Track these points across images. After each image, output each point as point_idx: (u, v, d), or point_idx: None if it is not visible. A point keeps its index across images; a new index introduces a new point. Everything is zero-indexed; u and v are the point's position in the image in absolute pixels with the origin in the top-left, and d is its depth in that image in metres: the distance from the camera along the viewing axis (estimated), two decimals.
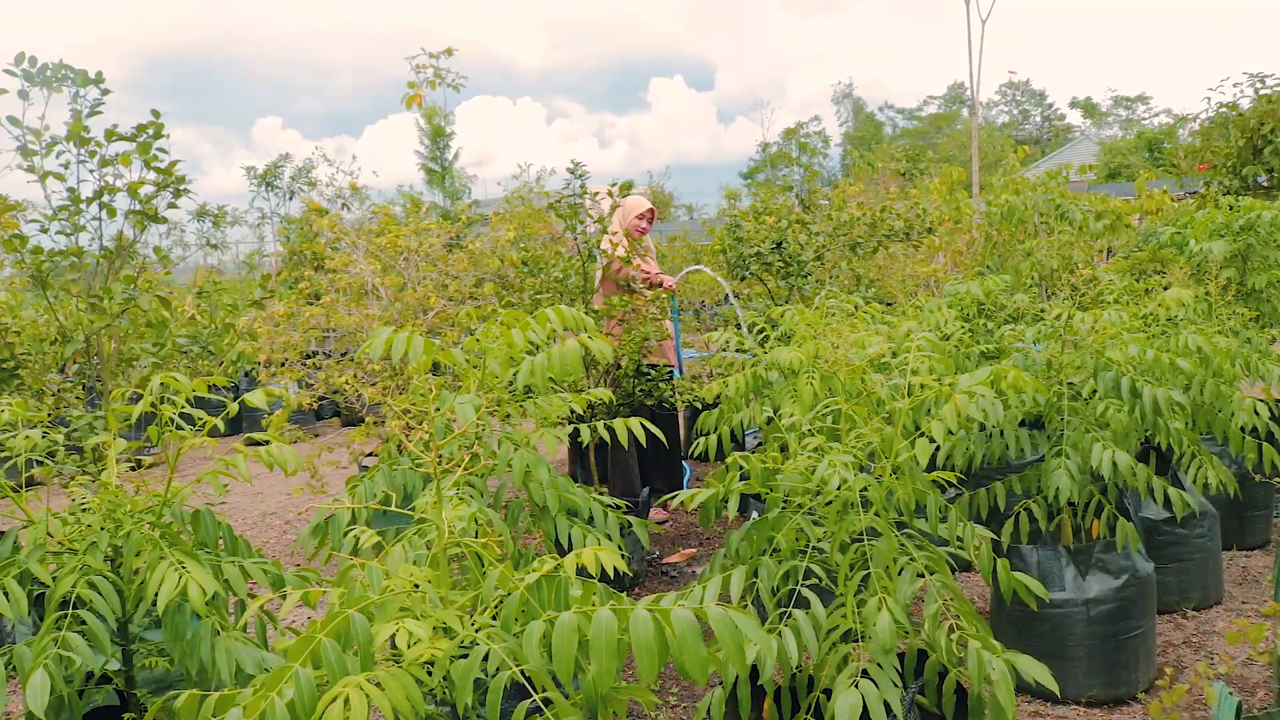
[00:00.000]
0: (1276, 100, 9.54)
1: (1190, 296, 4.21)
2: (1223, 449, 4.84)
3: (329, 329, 5.81)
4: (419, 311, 5.44)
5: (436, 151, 22.18)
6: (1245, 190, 9.49)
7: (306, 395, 5.80)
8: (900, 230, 6.43)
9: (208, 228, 16.98)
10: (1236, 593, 4.62)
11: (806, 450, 2.40)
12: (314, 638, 1.56)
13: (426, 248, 5.83)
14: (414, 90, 9.90)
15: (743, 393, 3.63)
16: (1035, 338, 4.02)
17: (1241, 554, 5.06)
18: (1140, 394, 3.47)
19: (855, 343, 2.81)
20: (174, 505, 2.51)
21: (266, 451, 2.32)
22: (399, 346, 2.66)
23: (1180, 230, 5.98)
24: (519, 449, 2.91)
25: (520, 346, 2.66)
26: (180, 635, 2.24)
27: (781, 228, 6.15)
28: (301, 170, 19.28)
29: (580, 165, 5.09)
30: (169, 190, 3.86)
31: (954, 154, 33.02)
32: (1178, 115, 34.23)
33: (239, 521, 7.52)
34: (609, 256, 5.41)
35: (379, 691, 1.45)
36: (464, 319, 4.38)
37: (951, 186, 9.59)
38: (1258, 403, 4.05)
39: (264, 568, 2.57)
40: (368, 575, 1.74)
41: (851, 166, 32.25)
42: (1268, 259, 5.69)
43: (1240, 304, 5.63)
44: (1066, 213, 6.34)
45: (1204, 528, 4.44)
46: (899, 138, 60.03)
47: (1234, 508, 5.04)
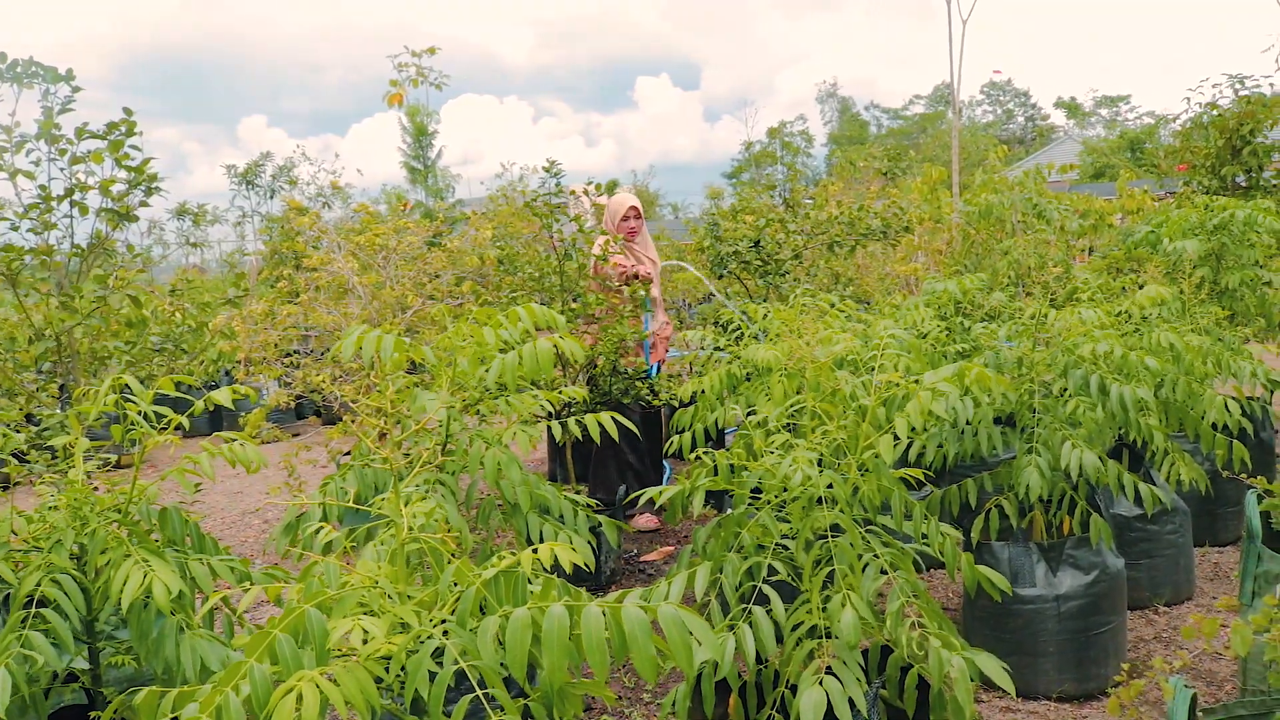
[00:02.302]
0: (1255, 102, 9.59)
1: (1163, 295, 4.24)
2: (1195, 446, 4.87)
3: (308, 328, 5.80)
4: (397, 310, 5.43)
5: (419, 150, 22.15)
6: (1224, 190, 9.54)
7: (284, 394, 5.79)
8: (878, 229, 6.46)
9: (188, 226, 16.91)
10: (1208, 588, 4.66)
11: (773, 447, 2.42)
12: (270, 634, 1.56)
13: (405, 246, 5.83)
14: (396, 89, 9.89)
15: (717, 390, 3.65)
16: (1007, 335, 4.05)
17: (1214, 550, 5.10)
18: (1109, 392, 3.50)
19: (822, 340, 2.83)
20: (141, 503, 2.51)
21: (230, 449, 2.32)
22: (369, 346, 2.67)
23: (1155, 229, 6.02)
24: (491, 447, 2.92)
25: (493, 345, 2.66)
26: (145, 633, 2.24)
27: (760, 226, 6.17)
28: (283, 169, 19.21)
29: (556, 164, 5.09)
30: (141, 188, 3.85)
31: (938, 154, 33.13)
32: (1159, 115, 34.40)
33: (217, 520, 7.50)
34: (586, 256, 5.42)
35: (332, 686, 1.45)
36: (436, 316, 4.38)
37: (933, 186, 9.64)
38: (1229, 400, 4.09)
39: (231, 565, 2.57)
40: (325, 571, 1.74)
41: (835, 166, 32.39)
42: (1241, 258, 5.73)
43: (1214, 303, 5.67)
44: (1044, 211, 6.37)
45: (1176, 524, 4.48)
46: (885, 137, 60.16)
47: (1206, 504, 5.08)
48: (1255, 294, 5.78)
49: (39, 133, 3.77)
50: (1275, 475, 5.32)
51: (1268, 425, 5.37)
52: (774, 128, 56.77)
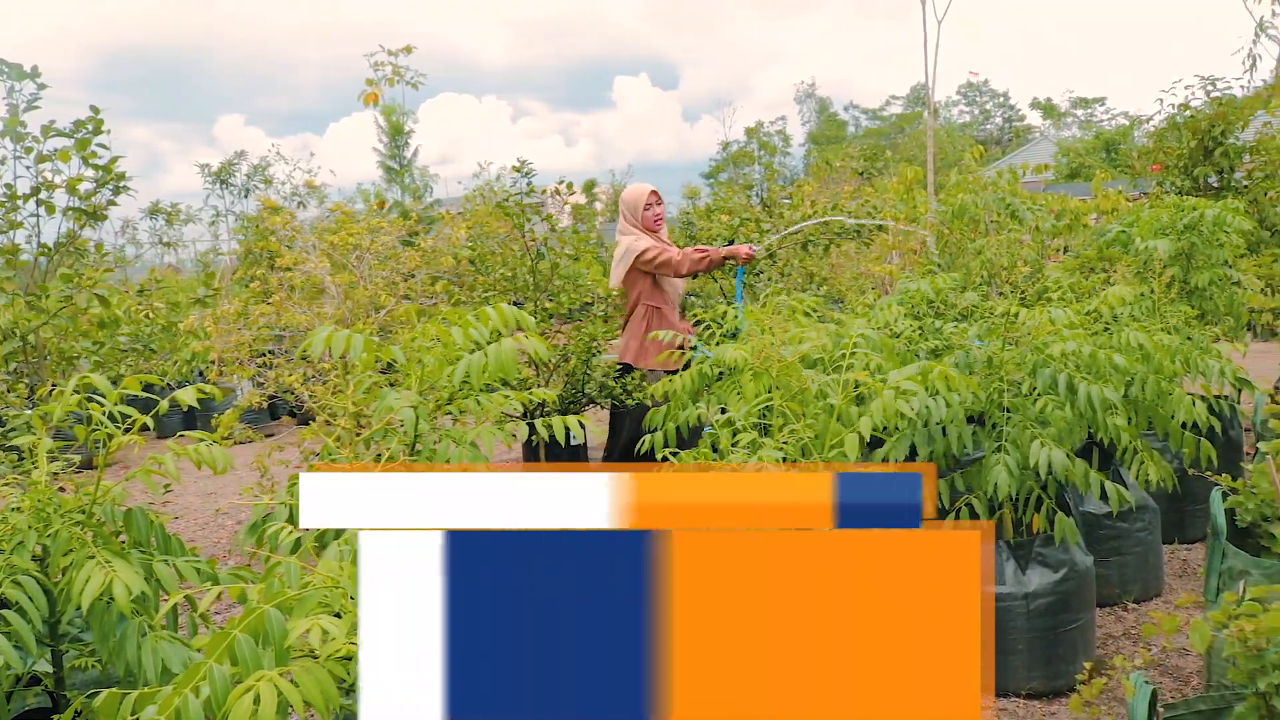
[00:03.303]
0: (1227, 103, 9.69)
1: (1133, 294, 4.28)
2: (1165, 444, 4.92)
3: (282, 328, 5.78)
4: (370, 310, 5.42)
5: (395, 149, 22.07)
6: (1196, 190, 9.62)
7: (257, 394, 5.77)
8: (851, 229, 6.48)
9: (161, 226, 16.78)
10: (1176, 585, 4.70)
11: (739, 446, 2.42)
12: (230, 634, 1.56)
13: (379, 246, 5.81)
14: (372, 88, 9.86)
15: (689, 390, 3.66)
16: (978, 334, 4.07)
17: (1182, 547, 5.14)
18: (1077, 391, 3.52)
19: (790, 339, 2.84)
20: (105, 504, 2.49)
21: (195, 450, 2.31)
22: (338, 345, 2.66)
23: (1126, 229, 6.06)
24: (459, 447, 2.91)
25: (462, 345, 2.66)
26: (108, 635, 2.23)
27: (734, 225, 6.18)
28: (257, 168, 19.08)
29: (528, 164, 5.08)
30: (109, 187, 3.83)
31: (915, 153, 33.29)
32: (1133, 117, 34.68)
33: (190, 521, 7.45)
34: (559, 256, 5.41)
35: (291, 686, 1.45)
36: (403, 316, 4.37)
37: (909, 186, 9.68)
38: (1197, 399, 4.12)
39: (197, 566, 2.56)
40: (286, 571, 1.74)
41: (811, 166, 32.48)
42: (1210, 257, 5.78)
43: (1184, 302, 5.72)
44: (1016, 211, 6.41)
45: (1144, 522, 4.51)
46: (862, 137, 60.36)
47: (1175, 502, 5.12)
48: (1224, 293, 5.83)
49: (3, 130, 3.74)
50: (1241, 473, 5.37)
51: (1235, 423, 5.43)
52: (751, 128, 56.85)
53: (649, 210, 5.61)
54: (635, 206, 5.64)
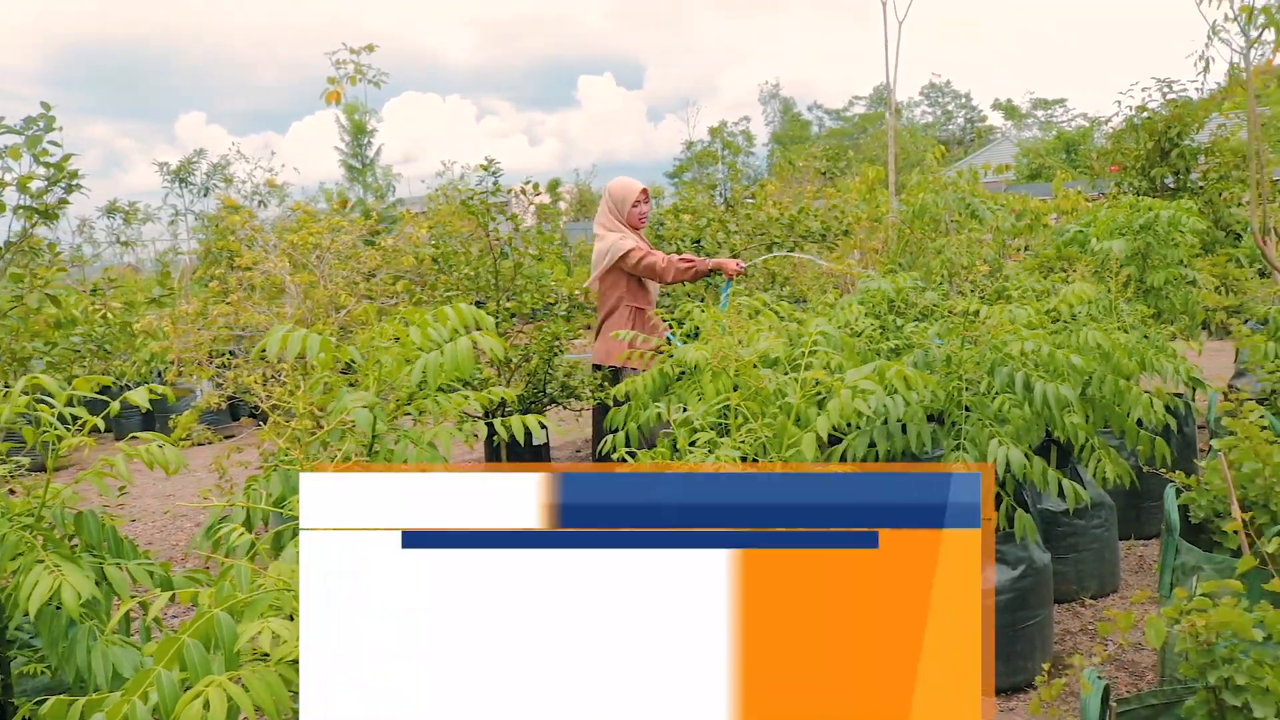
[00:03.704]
0: (1182, 106, 9.83)
1: (1090, 293, 4.32)
2: (1121, 442, 4.97)
3: (242, 328, 5.72)
4: (330, 310, 5.38)
5: (358, 148, 21.90)
6: (1154, 191, 9.76)
7: (216, 395, 5.70)
8: (816, 232, 6.51)
9: (119, 225, 16.56)
10: (1133, 581, 4.75)
11: (697, 446, 2.42)
12: (179, 639, 1.54)
13: (339, 245, 5.77)
14: (334, 86, 9.78)
15: (650, 390, 3.65)
16: (937, 333, 4.09)
17: (1139, 543, 5.21)
18: (1033, 389, 3.55)
19: (748, 338, 2.84)
20: (56, 507, 2.45)
21: (146, 450, 2.28)
22: (294, 345, 2.63)
23: (1084, 229, 6.13)
24: (417, 447, 2.89)
25: (420, 344, 2.64)
26: (57, 640, 2.19)
27: (700, 226, 6.18)
28: (217, 167, 18.86)
29: (494, 163, 5.06)
30: (61, 185, 3.77)
31: (877, 154, 33.50)
32: (1093, 118, 35.09)
33: (148, 524, 7.36)
34: (523, 255, 5.38)
35: (241, 691, 1.43)
36: (360, 316, 4.34)
37: (870, 185, 9.73)
38: (1153, 397, 4.17)
39: (150, 570, 2.52)
40: (236, 574, 1.72)
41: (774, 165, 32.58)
42: (1165, 257, 5.86)
43: (1140, 301, 5.79)
44: (976, 211, 6.46)
45: (1101, 519, 4.56)
46: (826, 137, 60.61)
47: (1131, 499, 5.18)
48: (1180, 292, 5.91)
49: None
50: (1196, 470, 5.44)
51: (1190, 421, 5.50)
52: (715, 127, 56.95)
53: (636, 208, 5.46)
54: (623, 201, 5.46)
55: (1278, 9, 5.94)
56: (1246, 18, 6.21)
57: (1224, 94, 9.31)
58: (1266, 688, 2.03)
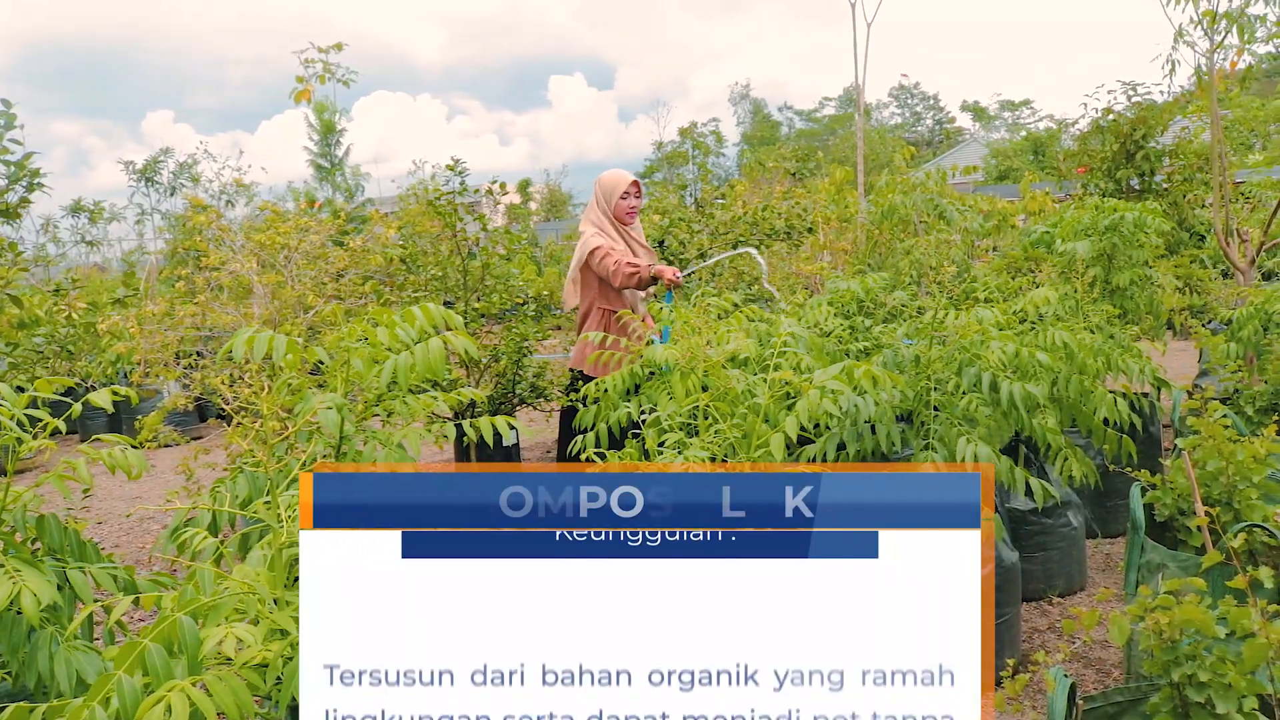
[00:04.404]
0: (1148, 108, 9.93)
1: (1058, 295, 4.36)
2: (1087, 441, 5.02)
3: (210, 329, 5.67)
4: (299, 310, 5.34)
5: (326, 147, 21.76)
6: (1119, 193, 9.84)
7: (183, 396, 5.65)
8: (781, 229, 6.53)
9: (84, 224, 16.37)
10: (1100, 579, 4.79)
11: (666, 446, 2.42)
12: (140, 643, 1.52)
13: (307, 245, 5.73)
14: (303, 85, 9.71)
15: (620, 390, 3.65)
16: (906, 334, 4.11)
17: (1106, 541, 5.25)
18: (1000, 389, 3.58)
19: (717, 339, 2.84)
20: (16, 510, 2.42)
21: (109, 454, 2.25)
22: (260, 346, 2.61)
23: (1050, 230, 6.18)
24: (385, 449, 2.87)
25: (389, 345, 2.62)
26: (18, 647, 2.16)
27: (665, 226, 6.18)
28: (184, 166, 18.67)
29: (461, 162, 5.03)
30: (21, 184, 3.72)
31: (847, 155, 33.65)
32: (1059, 120, 35.42)
33: (114, 526, 7.27)
34: (490, 255, 5.34)
35: (204, 695, 1.41)
36: (328, 316, 4.31)
37: (839, 186, 9.77)
38: (1119, 397, 4.21)
39: (113, 574, 2.49)
40: (200, 577, 1.70)
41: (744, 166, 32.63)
42: (1131, 258, 5.91)
43: (1106, 301, 5.84)
44: (944, 212, 6.51)
45: (1068, 517, 4.60)
46: (795, 138, 60.81)
47: (1098, 497, 5.23)
48: (1144, 293, 5.97)
49: None
50: (1161, 469, 5.51)
51: (1155, 420, 5.55)
52: (685, 128, 56.97)
53: (625, 200, 5.18)
54: (610, 193, 5.21)
55: (1239, 13, 6.01)
56: (1210, 21, 6.28)
57: (1188, 97, 9.42)
58: (1229, 684, 2.05)
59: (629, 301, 5.16)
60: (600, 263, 5.01)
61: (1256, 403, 4.98)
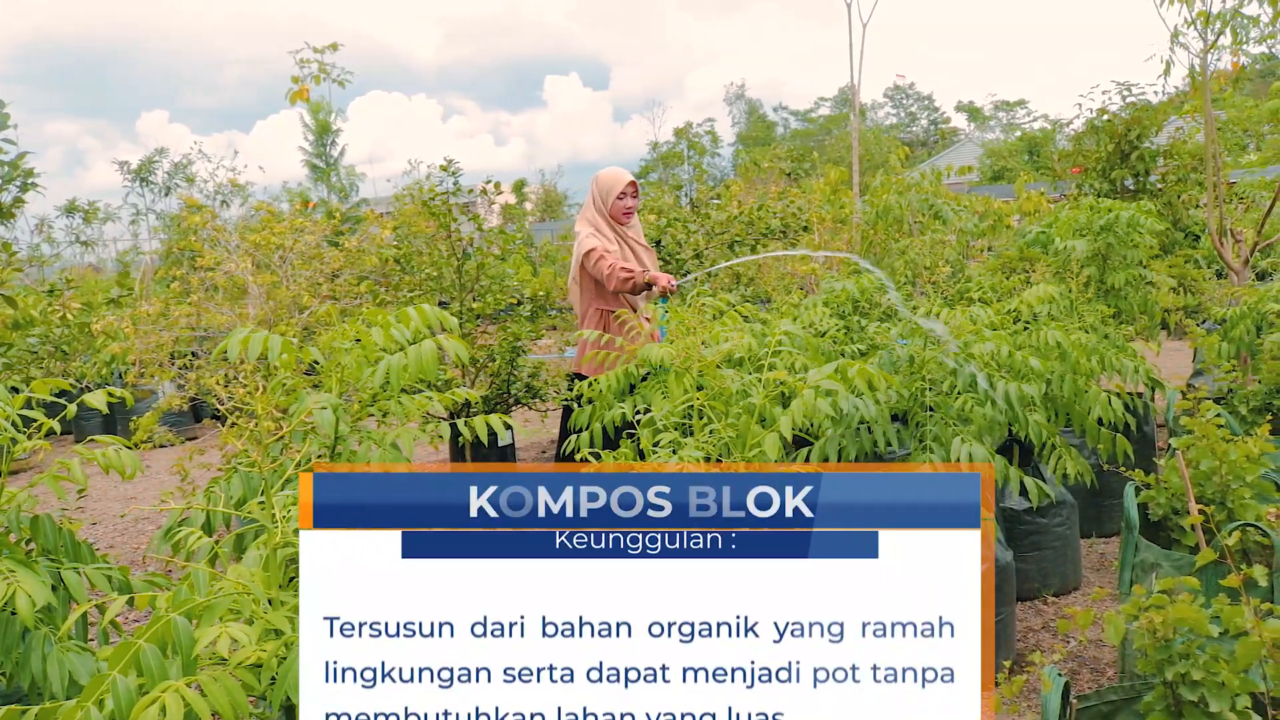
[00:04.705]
0: (1142, 109, 9.95)
1: (1051, 293, 4.36)
2: (1081, 441, 5.02)
3: (205, 329, 5.66)
4: (294, 310, 5.34)
5: (321, 148, 21.70)
6: (1114, 193, 9.86)
7: (178, 396, 5.64)
8: (777, 229, 6.53)
9: (78, 224, 16.33)
10: (1094, 578, 4.80)
11: (661, 446, 2.42)
12: (135, 644, 1.52)
13: (302, 246, 5.72)
14: (298, 85, 9.71)
15: (615, 390, 3.64)
16: (900, 334, 4.12)
17: (1100, 541, 5.26)
18: (995, 388, 3.58)
19: (711, 338, 2.85)
20: (11, 511, 2.41)
21: (103, 455, 2.25)
22: (255, 347, 2.60)
23: (1046, 230, 6.19)
24: (380, 449, 2.87)
25: (383, 345, 2.62)
26: (11, 647, 2.15)
27: (661, 226, 6.19)
28: (179, 166, 18.61)
29: (454, 163, 5.03)
30: (15, 184, 3.71)
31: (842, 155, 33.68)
32: (1054, 120, 35.49)
33: (109, 527, 7.27)
34: (485, 255, 5.34)
35: (198, 696, 1.41)
36: (323, 316, 4.31)
37: (834, 186, 9.78)
38: (1113, 396, 4.22)
39: (108, 574, 2.48)
40: (194, 578, 1.70)
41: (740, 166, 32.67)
42: (1126, 258, 5.92)
43: (1100, 301, 5.86)
44: (939, 212, 6.52)
45: (1063, 516, 4.60)
46: (790, 138, 60.81)
47: (1092, 497, 5.24)
48: (1139, 293, 5.98)
49: None
50: (1155, 468, 5.52)
51: (1149, 420, 5.56)
52: (680, 128, 56.99)
53: (621, 200, 5.13)
54: (607, 193, 5.15)
55: (1232, 15, 6.02)
56: (1203, 22, 6.30)
57: (1182, 97, 9.43)
58: (1222, 682, 2.06)
59: (628, 301, 5.15)
60: (595, 266, 4.98)
61: (1250, 402, 4.99)
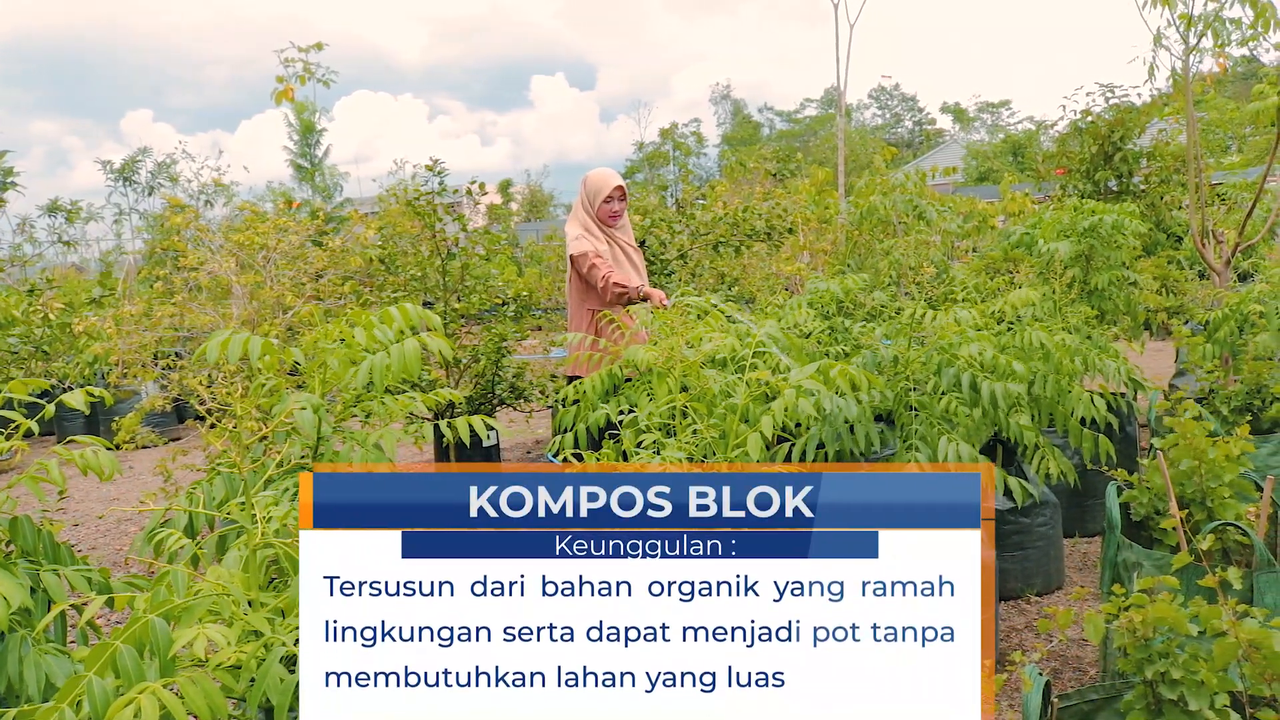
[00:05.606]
0: (1125, 110, 9.99)
1: (1035, 295, 4.38)
2: (1064, 441, 5.04)
3: (188, 330, 5.64)
4: (277, 311, 5.32)
5: (306, 148, 21.63)
6: (1097, 194, 9.90)
7: (160, 397, 5.62)
8: (762, 230, 6.54)
9: (61, 224, 16.24)
10: (1077, 578, 4.82)
11: (644, 447, 2.42)
12: (111, 645, 1.51)
13: (286, 246, 5.70)
14: (283, 85, 9.66)
15: (599, 391, 3.64)
16: (885, 334, 4.13)
17: (1083, 540, 5.28)
18: (979, 389, 3.59)
19: (693, 339, 2.85)
20: None
21: (81, 456, 2.23)
22: (236, 347, 2.59)
23: (1030, 231, 6.22)
24: (363, 449, 2.86)
25: (366, 345, 2.62)
26: None
27: (645, 226, 6.18)
28: (163, 165, 18.51)
29: (440, 163, 5.02)
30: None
31: (827, 156, 33.76)
32: (1038, 121, 35.64)
33: (91, 528, 7.22)
34: (470, 255, 5.32)
35: (174, 698, 1.40)
36: (304, 316, 4.29)
37: (819, 187, 9.79)
38: (1095, 396, 4.23)
39: (88, 576, 2.47)
40: (173, 579, 1.69)
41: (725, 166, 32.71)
42: (1109, 259, 5.95)
43: (1084, 302, 5.88)
44: (924, 213, 6.53)
45: (1046, 516, 4.62)
46: (776, 139, 60.92)
47: (1075, 497, 5.26)
48: (1122, 294, 6.01)
49: None
50: (1138, 468, 5.55)
51: (1132, 420, 5.59)
52: (666, 129, 57.04)
53: (608, 204, 5.14)
54: (595, 195, 5.15)
55: (1214, 17, 6.06)
56: (1185, 25, 6.33)
57: (1165, 99, 9.48)
58: (1201, 681, 2.07)
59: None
60: (588, 272, 4.97)
61: (1231, 402, 5.02)
